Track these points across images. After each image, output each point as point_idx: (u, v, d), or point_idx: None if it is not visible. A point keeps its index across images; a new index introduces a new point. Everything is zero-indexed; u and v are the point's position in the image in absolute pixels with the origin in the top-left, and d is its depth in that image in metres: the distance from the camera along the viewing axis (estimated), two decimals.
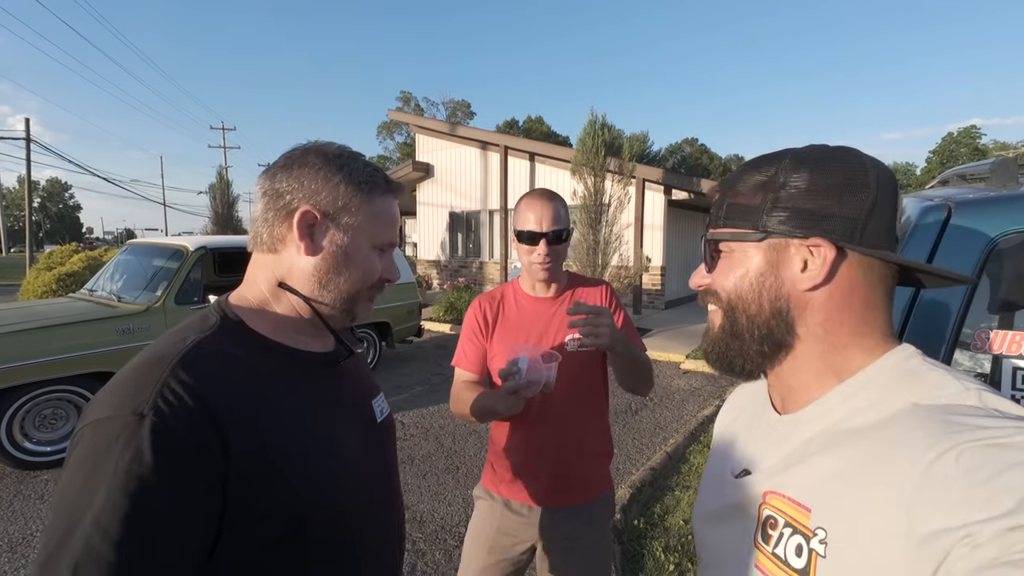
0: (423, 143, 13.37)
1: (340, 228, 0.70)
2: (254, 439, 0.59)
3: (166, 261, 4.33)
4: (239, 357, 0.64)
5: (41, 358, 3.37)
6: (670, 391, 5.34)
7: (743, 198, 0.56)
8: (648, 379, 1.37)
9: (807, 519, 0.48)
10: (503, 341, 1.37)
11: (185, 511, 0.52)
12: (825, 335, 0.53)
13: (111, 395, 0.55)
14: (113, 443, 0.51)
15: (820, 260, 0.51)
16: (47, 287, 7.99)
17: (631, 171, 7.98)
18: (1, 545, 2.60)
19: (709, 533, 0.64)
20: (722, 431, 0.73)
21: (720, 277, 0.58)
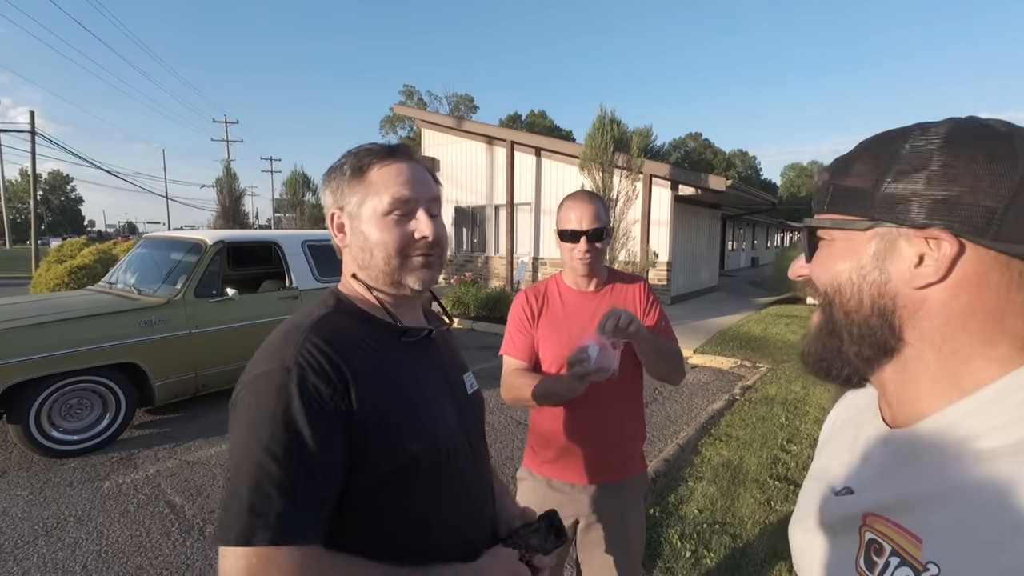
0: (428, 138, 13.38)
1: (351, 215, 0.80)
2: (368, 388, 0.70)
3: (185, 255, 4.39)
4: (353, 327, 0.77)
5: (67, 349, 3.44)
6: (679, 385, 5.40)
7: (851, 180, 0.49)
8: (678, 368, 1.46)
9: (918, 550, 0.42)
10: (549, 331, 1.46)
11: (325, 438, 0.64)
12: (943, 342, 0.46)
13: (263, 358, 0.70)
14: (268, 393, 0.65)
15: (939, 255, 0.44)
16: (59, 280, 8.05)
17: (639, 167, 8.01)
18: (37, 529, 2.68)
19: (807, 547, 0.60)
20: (826, 440, 0.68)
21: (819, 268, 0.53)
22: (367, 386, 0.70)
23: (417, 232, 0.78)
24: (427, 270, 0.81)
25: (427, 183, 0.82)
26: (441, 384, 0.84)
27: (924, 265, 0.45)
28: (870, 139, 0.51)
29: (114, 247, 9.66)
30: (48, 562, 2.42)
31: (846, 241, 0.50)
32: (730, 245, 22.42)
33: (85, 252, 9.00)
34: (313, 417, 0.64)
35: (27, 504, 2.92)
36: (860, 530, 0.49)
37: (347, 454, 0.67)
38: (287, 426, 0.63)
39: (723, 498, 2.96)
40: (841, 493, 0.55)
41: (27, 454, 3.47)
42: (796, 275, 0.57)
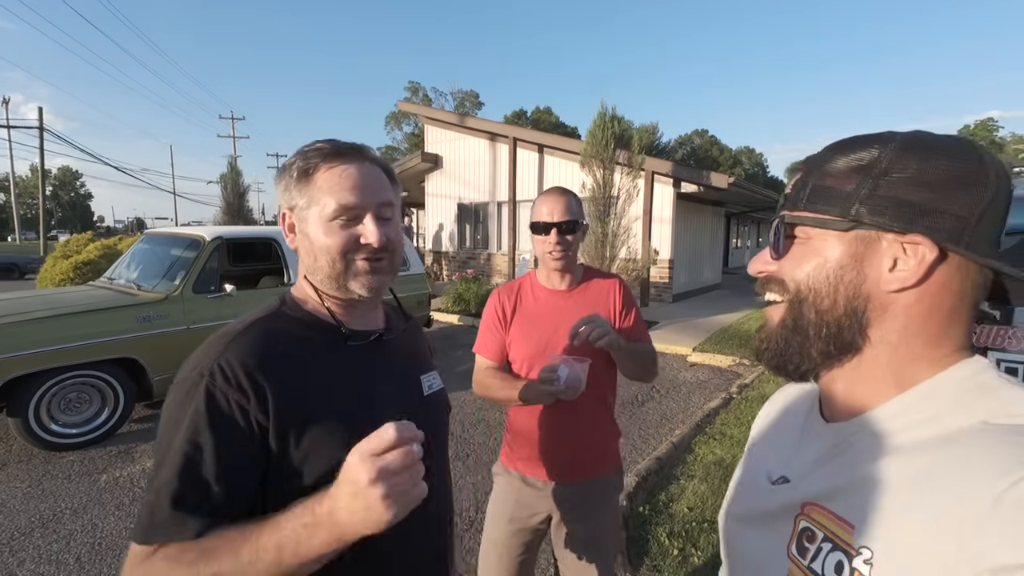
0: (432, 134, 13.38)
1: (299, 217, 0.79)
2: (290, 397, 0.70)
3: (183, 251, 4.42)
4: (289, 333, 0.76)
5: (66, 344, 3.48)
6: (676, 383, 5.40)
7: (833, 180, 0.50)
8: (651, 368, 1.48)
9: (850, 536, 0.44)
10: (521, 330, 1.47)
11: (229, 446, 0.66)
12: (899, 343, 0.48)
13: (189, 361, 0.71)
14: (182, 399, 0.67)
15: (916, 260, 0.46)
16: (64, 275, 8.13)
17: (640, 164, 7.98)
18: (34, 521, 2.72)
19: (738, 536, 0.61)
20: (762, 431, 0.69)
21: (790, 265, 0.53)
22: (291, 395, 0.70)
23: (363, 238, 0.76)
24: (374, 276, 0.79)
25: (377, 186, 0.79)
26: (391, 388, 0.83)
27: (898, 269, 0.47)
28: (846, 141, 0.51)
29: (119, 243, 9.74)
30: (43, 554, 2.46)
31: (823, 241, 0.50)
32: (734, 243, 22.28)
33: (91, 248, 9.08)
34: (216, 426, 0.65)
35: (25, 496, 2.96)
36: (796, 518, 0.51)
37: (261, 464, 0.68)
38: (191, 435, 0.64)
39: (713, 496, 2.95)
40: (778, 482, 0.56)
41: (27, 447, 3.53)
42: (759, 272, 0.57)
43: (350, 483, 0.55)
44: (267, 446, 0.68)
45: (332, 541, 0.57)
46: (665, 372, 5.77)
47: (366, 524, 0.55)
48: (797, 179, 0.54)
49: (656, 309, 9.39)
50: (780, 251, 0.54)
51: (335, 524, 0.56)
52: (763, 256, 0.57)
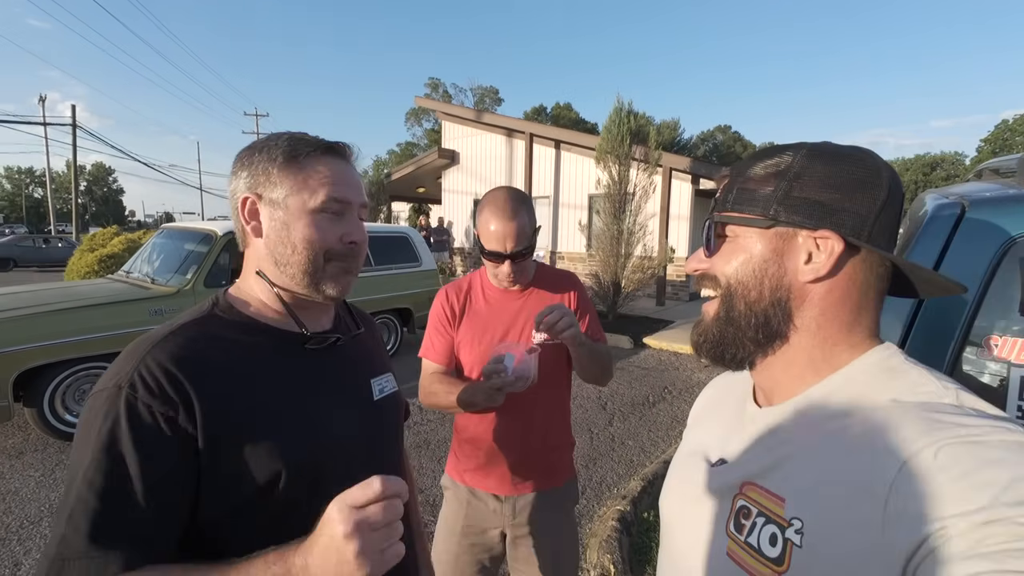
0: (449, 130, 13.38)
1: (274, 204, 0.73)
2: (221, 407, 0.65)
3: (196, 245, 4.48)
4: (220, 337, 0.71)
5: (80, 336, 3.55)
6: (690, 384, 5.27)
7: (754, 184, 0.55)
8: (608, 370, 1.40)
9: (781, 509, 0.48)
10: (470, 331, 1.37)
11: (154, 466, 0.60)
12: (818, 329, 0.53)
13: (108, 371, 0.65)
14: (99, 411, 0.61)
15: (827, 253, 0.51)
16: (90, 268, 8.36)
17: (657, 160, 7.82)
18: (43, 510, 2.77)
19: (677, 517, 0.65)
20: (700, 416, 0.74)
21: (720, 261, 0.57)
22: (218, 404, 0.65)
23: (347, 236, 0.74)
24: (347, 277, 0.77)
25: (360, 186, 0.78)
26: (336, 393, 0.78)
27: (812, 262, 0.52)
28: (765, 150, 0.57)
29: (143, 237, 9.97)
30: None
31: (748, 239, 0.55)
32: None
33: (115, 241, 9.32)
34: (139, 441, 0.59)
35: (37, 485, 3.03)
36: (734, 498, 0.55)
37: (190, 477, 0.63)
38: (110, 451, 0.59)
39: None
40: (717, 465, 0.61)
41: (43, 436, 3.61)
42: (694, 269, 0.61)
43: (327, 535, 0.52)
44: (197, 459, 0.63)
45: None
46: (678, 373, 5.66)
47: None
48: (725, 183, 0.59)
49: (672, 308, 9.22)
50: (712, 249, 0.59)
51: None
52: (698, 255, 0.61)
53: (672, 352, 6.55)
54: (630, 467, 3.43)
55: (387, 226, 6.82)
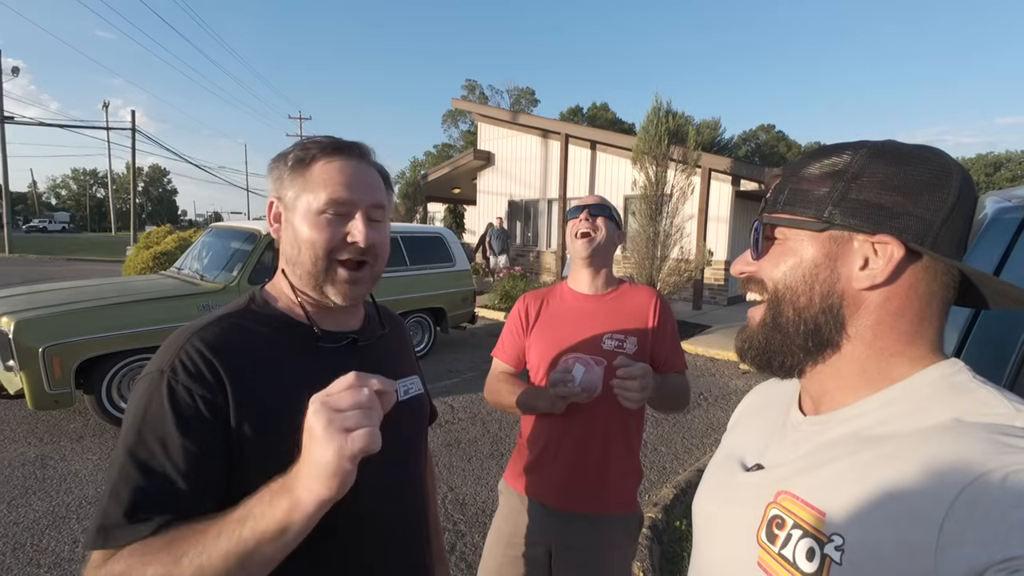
0: (485, 131, 13.47)
1: (287, 207, 0.76)
2: (251, 396, 0.68)
3: (242, 243, 4.67)
4: (253, 330, 0.74)
5: (135, 328, 3.76)
6: (727, 391, 5.13)
7: (808, 184, 0.52)
8: (682, 403, 1.37)
9: (821, 523, 0.46)
10: (541, 335, 1.38)
11: (192, 443, 0.63)
12: (874, 339, 0.50)
13: (154, 357, 0.70)
14: (143, 393, 0.65)
15: (885, 259, 0.48)
16: (145, 264, 8.88)
17: (696, 160, 7.64)
18: (99, 492, 2.94)
19: (708, 522, 0.63)
20: (740, 420, 0.71)
21: (768, 265, 0.55)
22: (250, 392, 0.68)
23: (350, 236, 0.74)
24: (352, 286, 0.76)
25: (372, 186, 0.77)
26: None
27: (869, 268, 0.49)
28: (821, 149, 0.54)
29: (193, 235, 10.48)
30: None
31: (798, 241, 0.52)
32: None
33: (168, 239, 9.85)
34: (181, 421, 0.63)
35: (95, 468, 3.23)
36: (767, 506, 0.52)
37: (224, 458, 0.66)
38: (153, 429, 0.62)
39: None
40: (752, 469, 0.58)
41: (101, 422, 3.84)
42: (740, 272, 0.58)
43: (306, 433, 0.53)
44: (229, 441, 0.66)
45: (289, 508, 0.52)
46: (715, 379, 5.51)
47: (315, 475, 0.51)
48: (776, 184, 0.56)
49: (709, 312, 8.99)
50: (760, 252, 0.56)
51: (291, 486, 0.53)
52: (744, 257, 0.58)
53: (708, 358, 6.38)
54: (663, 474, 3.36)
55: (421, 226, 6.92)
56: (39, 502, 2.82)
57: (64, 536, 2.53)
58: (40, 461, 3.28)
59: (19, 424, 3.82)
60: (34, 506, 2.77)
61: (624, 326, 1.30)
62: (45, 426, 3.80)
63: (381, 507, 0.79)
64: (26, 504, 2.79)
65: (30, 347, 3.34)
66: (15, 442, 3.54)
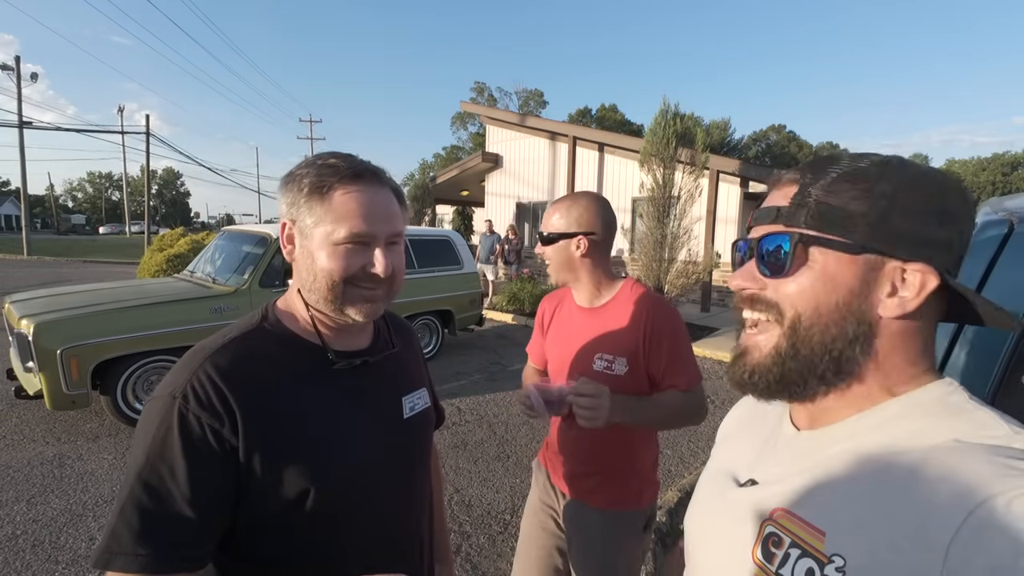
0: (493, 134, 13.52)
1: (302, 232, 0.75)
2: (260, 423, 0.69)
3: (253, 247, 4.74)
4: (266, 352, 0.75)
5: (150, 331, 3.84)
6: (734, 395, 5.10)
7: (839, 200, 0.48)
8: (689, 420, 1.28)
9: (821, 543, 0.45)
10: (550, 342, 1.45)
11: (199, 474, 0.65)
12: (883, 362, 0.49)
13: (166, 378, 0.71)
14: (155, 417, 0.66)
15: (916, 287, 0.46)
16: (159, 266, 9.02)
17: (704, 162, 7.62)
18: (114, 491, 3.02)
19: (701, 537, 0.62)
20: (730, 433, 0.69)
21: (790, 286, 0.50)
22: (259, 420, 0.69)
23: (369, 266, 0.74)
24: (372, 304, 0.76)
25: (390, 214, 0.76)
26: (367, 414, 0.81)
27: (898, 295, 0.47)
28: (840, 157, 0.50)
29: (206, 238, 10.64)
30: None
31: (836, 262, 0.48)
32: None
33: (181, 242, 10.01)
34: (188, 450, 0.64)
35: (110, 467, 3.30)
36: (763, 523, 0.51)
37: (230, 487, 0.67)
38: (162, 456, 0.64)
39: None
40: (745, 485, 0.57)
41: (116, 423, 3.92)
42: (741, 287, 0.53)
43: None
44: (238, 471, 0.67)
45: None
46: (723, 382, 5.48)
47: None
48: (794, 193, 0.50)
49: (717, 315, 8.94)
50: (773, 269, 0.50)
51: None
52: (748, 271, 0.53)
53: (716, 361, 6.36)
54: (667, 478, 3.36)
55: (429, 229, 6.98)
56: (57, 500, 2.89)
57: (81, 534, 2.60)
58: (58, 460, 3.36)
59: (37, 424, 3.92)
60: (52, 504, 2.85)
61: (614, 345, 1.26)
62: (63, 426, 3.89)
63: (384, 512, 0.81)
64: (44, 502, 2.87)
65: (49, 349, 3.43)
66: (34, 441, 3.63)
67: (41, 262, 18.53)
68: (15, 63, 20.32)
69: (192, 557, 0.64)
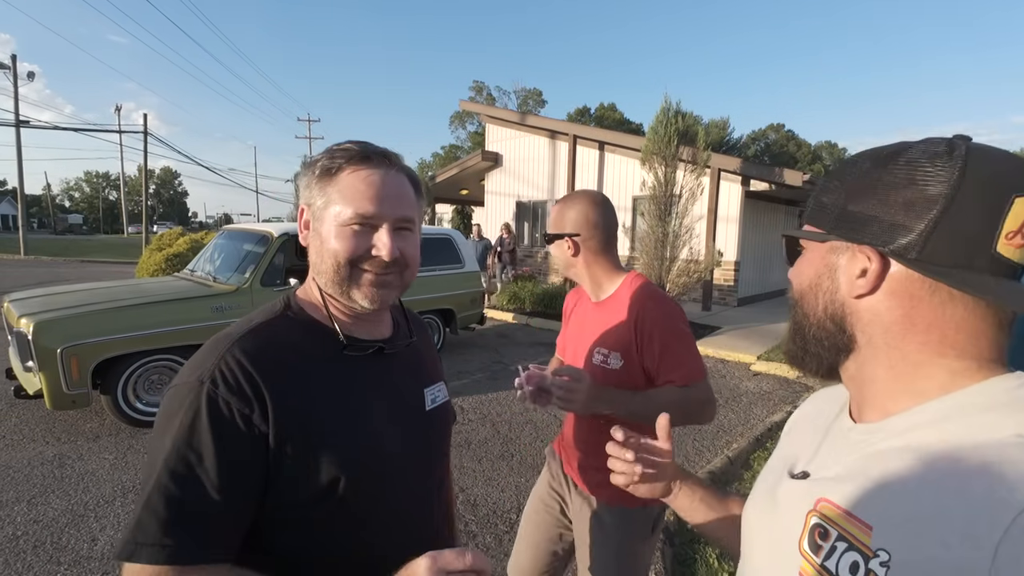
0: (493, 132, 13.49)
1: (314, 216, 0.75)
2: (290, 409, 0.67)
3: (254, 246, 4.71)
4: (291, 339, 0.74)
5: (151, 330, 3.81)
6: (738, 393, 5.10)
7: (825, 195, 0.54)
8: (693, 418, 1.24)
9: (867, 537, 0.45)
10: (567, 334, 1.49)
11: (230, 460, 0.63)
12: (888, 348, 0.50)
13: (188, 365, 0.69)
14: (181, 402, 0.64)
15: (872, 269, 0.49)
16: (158, 266, 8.99)
17: (705, 161, 7.61)
18: (116, 491, 3.00)
19: (753, 529, 0.63)
20: (792, 427, 0.71)
21: (792, 273, 0.59)
22: (289, 406, 0.67)
23: (374, 249, 0.73)
24: (380, 289, 0.75)
25: (401, 197, 0.75)
26: (390, 403, 0.80)
27: (866, 277, 0.50)
28: (851, 155, 0.55)
29: (204, 237, 10.59)
30: (122, 521, 2.69)
31: (811, 251, 0.56)
32: None
33: (180, 241, 9.97)
34: (218, 435, 0.62)
35: (112, 467, 3.27)
36: (808, 514, 0.51)
37: (260, 474, 0.65)
38: (190, 442, 0.62)
39: None
40: (797, 476, 0.58)
41: (116, 422, 3.89)
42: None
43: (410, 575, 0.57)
44: (267, 457, 0.66)
45: None
46: (726, 381, 5.48)
47: None
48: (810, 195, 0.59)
49: (719, 313, 8.94)
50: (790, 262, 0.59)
51: None
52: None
53: (719, 359, 6.35)
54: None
55: (430, 228, 6.95)
56: (58, 500, 2.86)
57: (83, 534, 2.57)
58: (58, 460, 3.33)
59: (37, 424, 3.88)
60: (53, 504, 2.82)
61: (612, 339, 1.28)
62: (63, 426, 3.86)
63: (406, 507, 0.80)
64: (45, 502, 2.84)
65: (49, 348, 3.40)
66: (34, 441, 3.60)
67: (38, 262, 18.46)
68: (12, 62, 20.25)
69: (221, 546, 0.63)
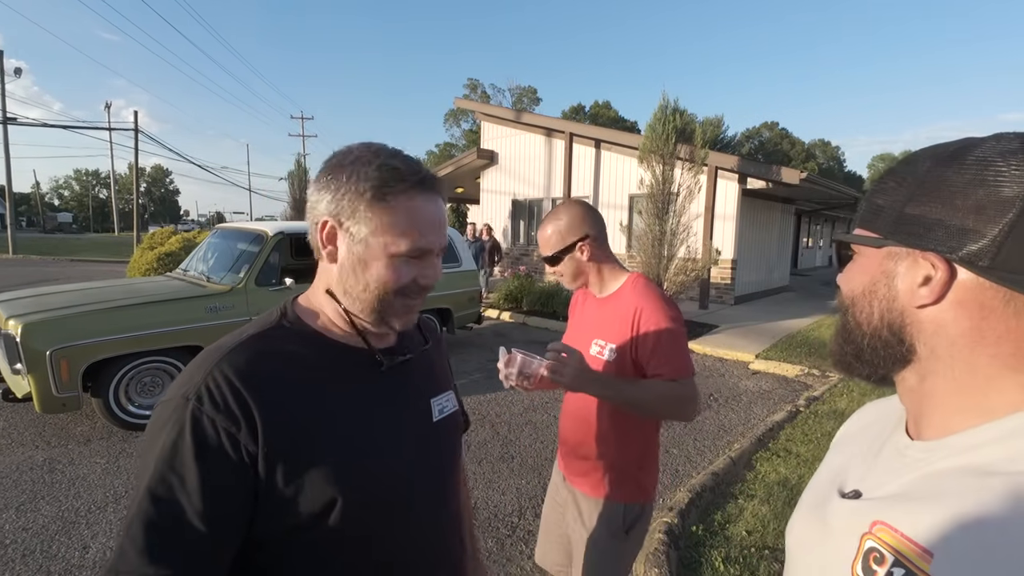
0: (488, 130, 13.42)
1: (354, 237, 0.69)
2: (283, 426, 0.63)
3: (248, 245, 4.63)
4: (285, 351, 0.69)
5: (143, 331, 3.73)
6: (737, 392, 5.08)
7: (880, 198, 0.51)
8: (675, 412, 1.28)
9: (927, 564, 0.42)
10: (571, 328, 1.53)
11: (213, 482, 0.59)
12: (953, 361, 0.47)
13: (178, 378, 0.65)
14: (165, 421, 0.61)
15: (936, 277, 0.46)
16: (149, 265, 8.86)
17: (703, 159, 7.59)
18: (108, 496, 2.93)
19: (800, 548, 0.59)
20: (845, 439, 0.68)
21: (842, 278, 0.57)
22: (281, 423, 0.63)
23: (422, 278, 0.72)
24: (412, 314, 0.76)
25: (445, 225, 0.75)
26: (396, 415, 0.76)
27: (930, 285, 0.46)
28: (907, 155, 0.52)
29: (197, 236, 10.47)
30: (115, 528, 2.63)
31: (865, 257, 0.53)
32: (806, 242, 20.87)
33: (172, 240, 9.83)
34: (202, 457, 0.59)
35: (103, 472, 3.20)
36: (862, 537, 0.48)
37: (246, 497, 0.62)
38: (172, 464, 0.58)
39: (776, 520, 2.72)
40: (848, 496, 0.54)
41: (108, 425, 3.81)
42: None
43: None
44: (256, 478, 0.62)
45: None
46: (725, 380, 5.46)
47: None
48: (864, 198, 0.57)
49: (716, 312, 8.94)
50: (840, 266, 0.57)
51: None
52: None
53: (717, 358, 6.34)
54: (676, 477, 3.32)
55: None
56: (48, 507, 2.79)
57: (74, 542, 2.50)
58: (48, 465, 3.25)
59: (27, 428, 3.80)
60: (43, 511, 2.75)
61: (610, 333, 1.34)
62: (53, 429, 3.78)
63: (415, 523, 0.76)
64: (35, 509, 2.76)
65: (37, 350, 3.31)
66: (23, 446, 3.51)
67: (27, 261, 18.20)
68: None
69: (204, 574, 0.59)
